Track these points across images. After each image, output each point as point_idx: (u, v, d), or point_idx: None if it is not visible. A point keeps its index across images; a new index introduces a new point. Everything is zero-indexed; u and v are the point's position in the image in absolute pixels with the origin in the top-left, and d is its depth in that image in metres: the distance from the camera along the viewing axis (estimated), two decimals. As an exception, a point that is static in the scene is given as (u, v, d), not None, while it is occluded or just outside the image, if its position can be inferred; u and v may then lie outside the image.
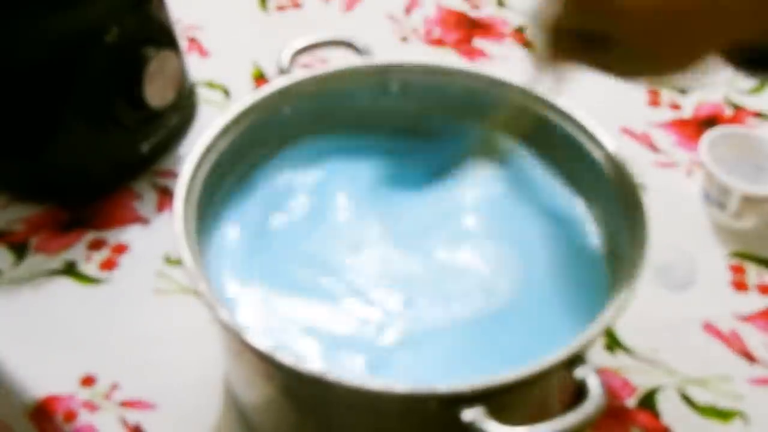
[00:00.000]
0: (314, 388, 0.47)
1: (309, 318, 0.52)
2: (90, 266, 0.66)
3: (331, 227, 0.58)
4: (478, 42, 0.88)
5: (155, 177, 0.73)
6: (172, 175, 0.73)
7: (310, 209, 0.59)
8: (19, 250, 0.68)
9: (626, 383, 0.61)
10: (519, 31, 0.89)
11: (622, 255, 0.52)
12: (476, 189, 0.60)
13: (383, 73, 0.63)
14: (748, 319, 0.65)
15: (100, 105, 0.66)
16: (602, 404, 0.44)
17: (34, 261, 0.67)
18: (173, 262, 0.67)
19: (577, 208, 0.59)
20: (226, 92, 0.81)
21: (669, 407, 0.59)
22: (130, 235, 0.69)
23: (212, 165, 0.56)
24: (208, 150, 0.56)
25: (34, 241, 0.68)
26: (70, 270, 0.66)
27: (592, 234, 0.58)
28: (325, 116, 0.63)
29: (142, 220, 0.70)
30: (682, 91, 0.83)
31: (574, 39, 0.52)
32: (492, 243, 0.57)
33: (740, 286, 0.67)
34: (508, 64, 0.85)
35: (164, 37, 0.70)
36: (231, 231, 0.57)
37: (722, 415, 0.59)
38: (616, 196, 0.55)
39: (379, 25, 0.90)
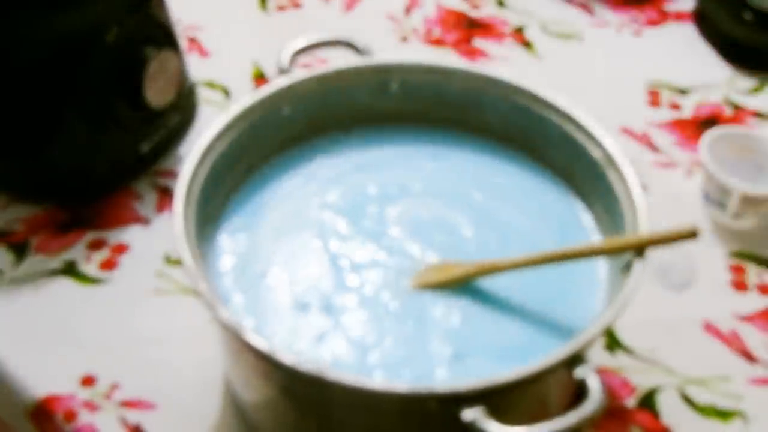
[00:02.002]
0: (313, 388, 0.47)
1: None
2: (90, 266, 0.67)
3: (331, 226, 0.58)
4: (478, 42, 0.88)
5: (155, 177, 0.73)
6: (172, 175, 0.73)
7: (311, 208, 0.59)
8: (19, 250, 0.68)
9: (626, 383, 0.61)
10: (519, 31, 0.89)
11: (622, 255, 0.52)
12: (475, 188, 0.61)
13: (383, 73, 0.63)
14: (748, 319, 0.65)
15: (100, 105, 0.66)
16: (602, 404, 0.44)
17: (34, 261, 0.67)
18: (173, 262, 0.67)
19: (577, 207, 0.59)
20: (226, 92, 0.81)
21: (669, 407, 0.60)
22: (130, 235, 0.69)
23: (212, 165, 0.56)
24: (208, 150, 0.56)
25: (34, 241, 0.68)
26: (70, 270, 0.66)
27: (592, 234, 0.58)
28: (325, 116, 0.63)
29: (142, 220, 0.70)
30: (683, 91, 0.83)
31: None
32: (490, 242, 0.57)
33: (740, 286, 0.67)
34: (508, 64, 0.85)
35: (164, 37, 0.70)
36: (231, 231, 0.57)
37: (722, 415, 0.59)
38: (616, 196, 0.55)
39: (379, 25, 0.90)
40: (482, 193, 0.60)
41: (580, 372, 0.46)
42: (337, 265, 0.55)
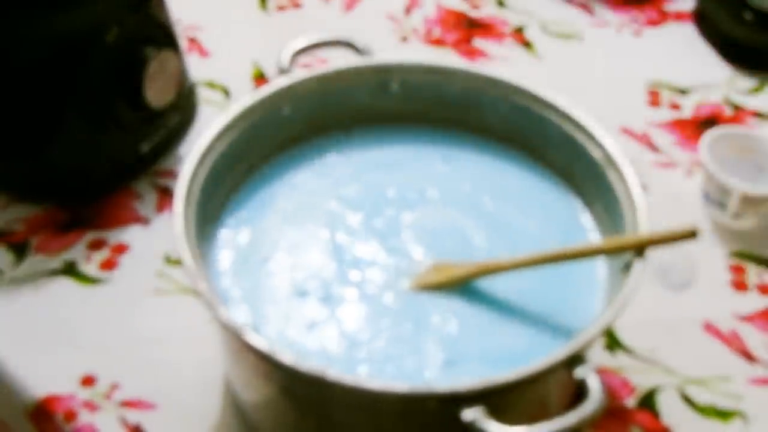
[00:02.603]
0: (314, 388, 0.47)
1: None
2: (90, 266, 0.67)
3: (342, 218, 0.58)
4: (478, 42, 0.88)
5: (155, 177, 0.73)
6: (172, 175, 0.73)
7: (310, 208, 0.59)
8: (19, 250, 0.68)
9: (626, 383, 0.61)
10: (519, 31, 0.89)
11: (621, 255, 0.52)
12: (484, 193, 0.61)
13: (383, 73, 0.63)
14: (748, 319, 0.65)
15: (100, 105, 0.66)
16: (602, 404, 0.44)
17: (34, 261, 0.67)
18: (173, 262, 0.67)
19: (577, 207, 0.59)
20: (226, 92, 0.81)
21: (669, 407, 0.59)
22: (130, 235, 0.69)
23: (212, 165, 0.56)
24: (208, 150, 0.56)
25: (34, 241, 0.68)
26: (70, 270, 0.66)
27: (592, 234, 0.58)
28: (325, 116, 0.63)
29: (142, 220, 0.70)
30: (683, 91, 0.83)
31: None
32: (491, 242, 0.57)
33: (740, 286, 0.67)
34: (508, 64, 0.85)
35: (164, 37, 0.70)
36: (231, 230, 0.57)
37: (722, 414, 0.59)
38: (616, 196, 0.55)
39: (379, 25, 0.90)
40: (490, 197, 0.60)
41: (580, 372, 0.46)
42: (340, 257, 0.55)
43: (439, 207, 0.59)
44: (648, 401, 0.60)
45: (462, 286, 0.54)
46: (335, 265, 0.55)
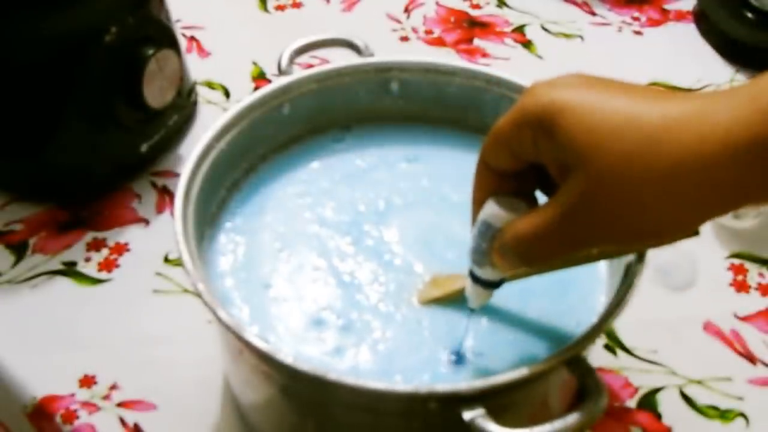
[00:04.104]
0: (314, 388, 0.47)
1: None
2: (90, 266, 0.66)
3: (331, 226, 0.58)
4: (478, 42, 0.88)
5: (155, 177, 0.73)
6: (172, 175, 0.73)
7: (310, 208, 0.59)
8: (19, 250, 0.68)
9: (627, 383, 0.61)
10: (519, 31, 0.89)
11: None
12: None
13: (383, 72, 0.62)
14: (748, 319, 0.65)
15: (100, 105, 0.66)
16: (603, 404, 0.44)
17: (34, 261, 0.67)
18: (173, 262, 0.67)
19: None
20: (226, 92, 0.81)
21: (669, 407, 0.59)
22: (130, 235, 0.69)
23: (212, 165, 0.56)
24: (208, 150, 0.56)
25: (33, 241, 0.68)
26: (70, 270, 0.66)
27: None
28: (325, 116, 0.63)
29: (142, 220, 0.70)
30: (684, 90, 0.83)
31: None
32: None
33: (740, 286, 0.67)
34: (508, 64, 0.85)
35: (164, 37, 0.69)
36: (231, 232, 0.57)
37: (723, 415, 0.59)
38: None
39: (379, 25, 0.90)
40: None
41: (580, 372, 0.46)
42: (343, 282, 0.54)
43: (439, 207, 0.59)
44: (648, 401, 0.60)
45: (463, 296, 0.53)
46: (341, 291, 0.54)
